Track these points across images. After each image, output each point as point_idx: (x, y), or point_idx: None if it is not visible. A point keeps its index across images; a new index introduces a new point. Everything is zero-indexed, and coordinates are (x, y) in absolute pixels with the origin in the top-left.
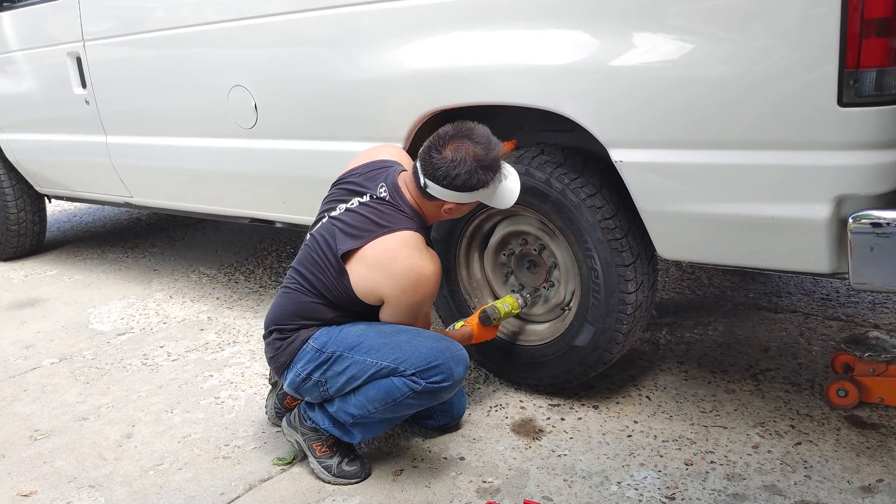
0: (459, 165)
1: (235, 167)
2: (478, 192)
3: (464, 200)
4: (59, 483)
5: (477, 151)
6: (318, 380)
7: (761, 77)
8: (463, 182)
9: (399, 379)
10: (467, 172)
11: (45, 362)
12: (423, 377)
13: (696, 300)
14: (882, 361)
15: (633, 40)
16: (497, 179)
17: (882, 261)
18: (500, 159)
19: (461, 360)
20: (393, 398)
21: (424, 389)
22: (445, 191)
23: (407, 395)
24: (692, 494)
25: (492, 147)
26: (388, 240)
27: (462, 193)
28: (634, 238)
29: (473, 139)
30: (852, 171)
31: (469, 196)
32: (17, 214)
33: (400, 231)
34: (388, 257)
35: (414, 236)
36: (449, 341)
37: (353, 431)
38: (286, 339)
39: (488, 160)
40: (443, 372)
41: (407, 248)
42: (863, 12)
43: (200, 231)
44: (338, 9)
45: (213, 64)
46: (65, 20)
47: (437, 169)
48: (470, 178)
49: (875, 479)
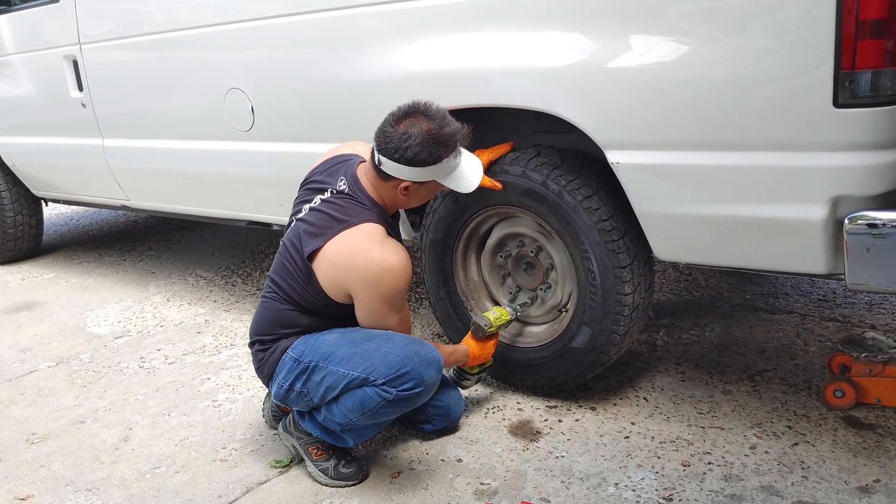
0: (412, 139)
1: (232, 170)
2: (431, 167)
3: (418, 177)
4: (56, 487)
5: (431, 126)
6: (301, 390)
7: (757, 78)
8: (414, 155)
9: (371, 389)
10: (419, 145)
11: (41, 366)
12: (393, 385)
13: (693, 301)
14: (879, 362)
15: (630, 42)
16: (452, 156)
17: (878, 261)
18: (456, 137)
19: (431, 362)
20: (368, 408)
21: (396, 398)
22: (399, 166)
23: (381, 405)
24: (689, 495)
25: (447, 123)
26: (348, 234)
27: (415, 169)
28: (631, 240)
29: (428, 115)
30: (848, 172)
31: (422, 172)
32: (13, 218)
33: (359, 224)
34: (348, 252)
35: (373, 228)
36: (419, 345)
37: (345, 437)
38: (267, 349)
39: (442, 135)
40: (413, 378)
41: (367, 241)
42: (858, 14)
43: (197, 234)
44: (335, 11)
45: (209, 66)
46: (61, 23)
47: (390, 142)
48: (422, 150)
49: (872, 479)
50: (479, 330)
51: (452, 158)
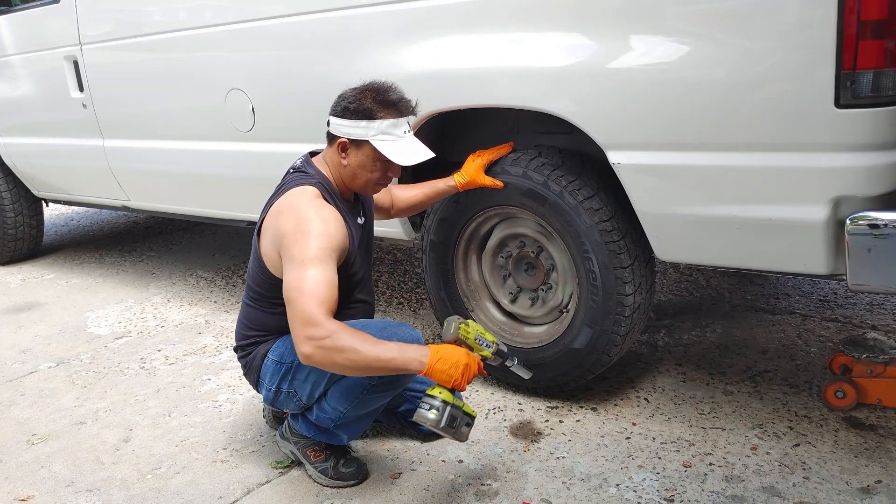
0: (353, 93)
1: (233, 170)
2: (364, 122)
3: (352, 133)
4: (56, 487)
5: (376, 88)
6: (288, 391)
7: (758, 79)
8: (347, 104)
9: (354, 377)
10: (354, 97)
11: (42, 366)
12: None
13: (694, 302)
14: (880, 363)
15: (631, 43)
16: (390, 121)
17: (879, 262)
18: (398, 104)
19: (411, 342)
20: (355, 396)
21: (379, 382)
22: (336, 119)
23: (365, 390)
24: (691, 496)
25: (393, 91)
26: (281, 198)
27: (349, 121)
28: (632, 240)
29: (378, 84)
30: (849, 173)
31: (356, 126)
32: (14, 218)
33: (294, 187)
34: (276, 212)
35: (305, 188)
36: (395, 326)
37: (339, 433)
38: (248, 355)
39: (382, 96)
40: None
41: (295, 197)
42: (859, 14)
43: (198, 234)
44: (335, 12)
45: (210, 67)
46: (62, 24)
47: (337, 99)
48: (355, 102)
49: (873, 480)
50: (449, 325)
51: (390, 123)
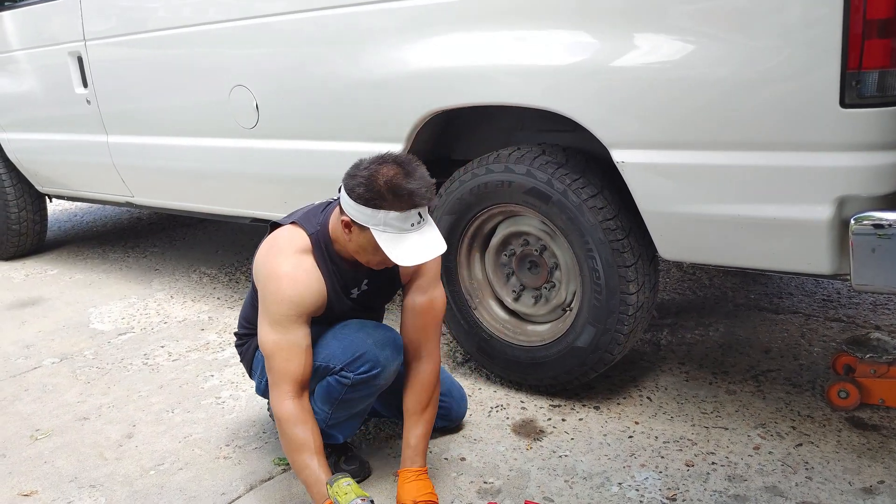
0: (367, 171)
1: (237, 167)
2: (368, 210)
3: (355, 216)
4: (59, 483)
5: (394, 172)
6: None
7: (763, 78)
8: (355, 187)
9: (332, 377)
10: (367, 181)
11: (45, 362)
12: (350, 370)
13: (698, 301)
14: (883, 363)
15: (635, 41)
16: (401, 212)
17: (884, 262)
18: (412, 197)
19: (387, 342)
20: (334, 397)
21: (355, 381)
22: (343, 194)
23: (344, 391)
24: (693, 495)
25: (412, 178)
26: (280, 229)
27: (352, 203)
28: (636, 239)
29: (399, 163)
30: (854, 173)
31: (358, 211)
32: (18, 214)
33: (292, 226)
34: (268, 243)
35: (299, 235)
36: (373, 327)
37: (333, 433)
38: (243, 345)
39: (395, 185)
40: (368, 360)
41: (282, 239)
42: (865, 13)
43: (201, 231)
44: (339, 9)
45: (214, 64)
46: (66, 20)
47: (350, 176)
48: (365, 187)
49: (876, 480)
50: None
51: (398, 216)
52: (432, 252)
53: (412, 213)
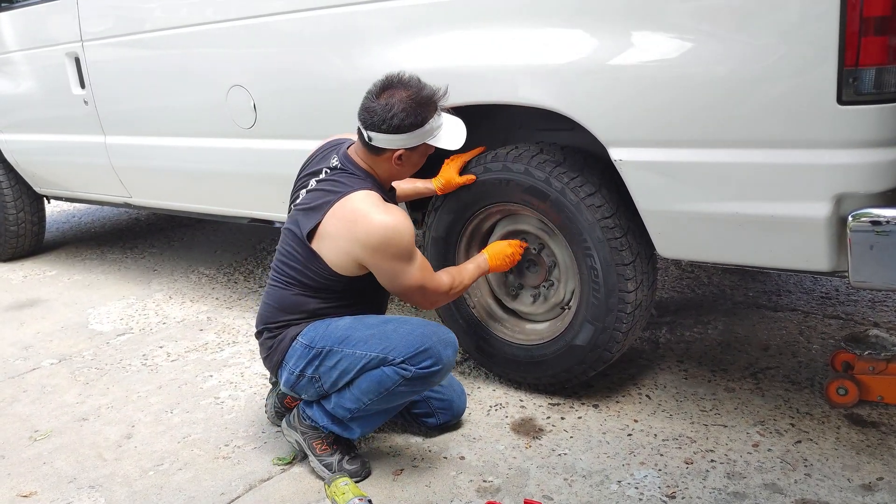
0: (395, 107)
1: (234, 167)
2: (420, 130)
3: (408, 143)
4: (59, 483)
5: (409, 92)
6: (312, 376)
7: (760, 75)
8: (401, 122)
9: (389, 368)
10: (404, 111)
11: (44, 363)
12: (412, 363)
13: (696, 299)
14: (882, 360)
15: (633, 39)
16: (436, 114)
17: (882, 259)
18: (434, 98)
19: (449, 343)
20: (385, 388)
21: (415, 376)
22: (389, 136)
23: (399, 384)
24: (692, 493)
25: (423, 87)
26: (343, 204)
27: (404, 135)
28: (634, 237)
29: (403, 83)
30: (852, 170)
31: (412, 137)
32: (16, 215)
33: (352, 192)
34: (347, 221)
35: (368, 194)
36: (436, 326)
37: (352, 426)
38: (276, 337)
39: (422, 97)
40: (432, 356)
41: (364, 206)
42: (862, 10)
43: (199, 231)
44: (337, 8)
45: (212, 64)
46: (63, 20)
47: (375, 116)
48: (407, 116)
49: (875, 477)
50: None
51: (436, 118)
52: (463, 128)
53: (440, 110)
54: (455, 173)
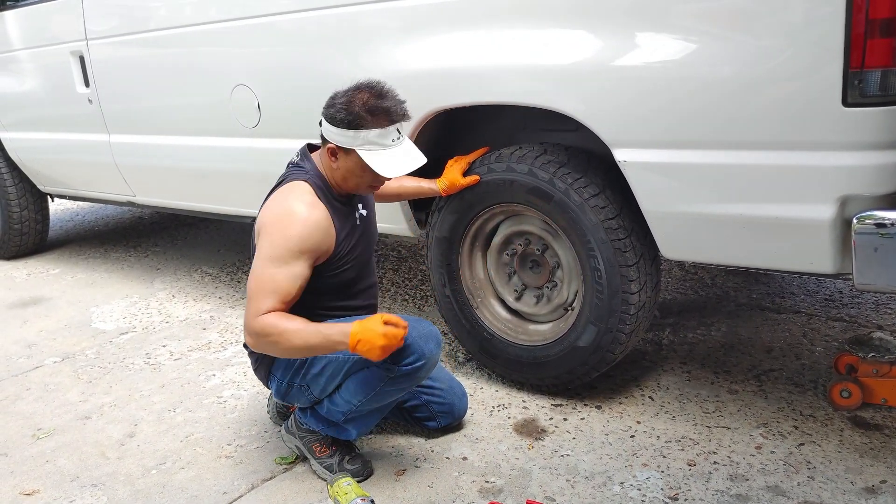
0: (345, 99)
1: (238, 166)
2: (352, 133)
3: (340, 141)
4: (61, 482)
5: (368, 95)
6: (301, 385)
7: (766, 77)
8: (336, 113)
9: (373, 369)
10: (345, 106)
11: (47, 361)
12: (394, 362)
13: (699, 301)
14: (885, 362)
15: (637, 40)
16: (378, 131)
17: (886, 261)
18: (388, 114)
19: (430, 336)
20: (373, 388)
21: (399, 374)
22: (326, 125)
23: (385, 383)
24: (695, 495)
25: (386, 98)
26: (276, 193)
27: (337, 130)
28: (638, 238)
29: (372, 89)
30: (857, 172)
31: (343, 135)
32: (19, 213)
33: (287, 183)
34: (269, 206)
35: (298, 184)
36: (416, 321)
37: (348, 428)
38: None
39: (372, 105)
40: (414, 353)
41: (286, 191)
42: (867, 12)
43: (203, 230)
44: (341, 8)
45: (216, 63)
46: (68, 19)
47: (330, 101)
48: (345, 112)
49: (878, 479)
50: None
51: (379, 133)
52: (414, 163)
53: (391, 130)
54: (459, 174)
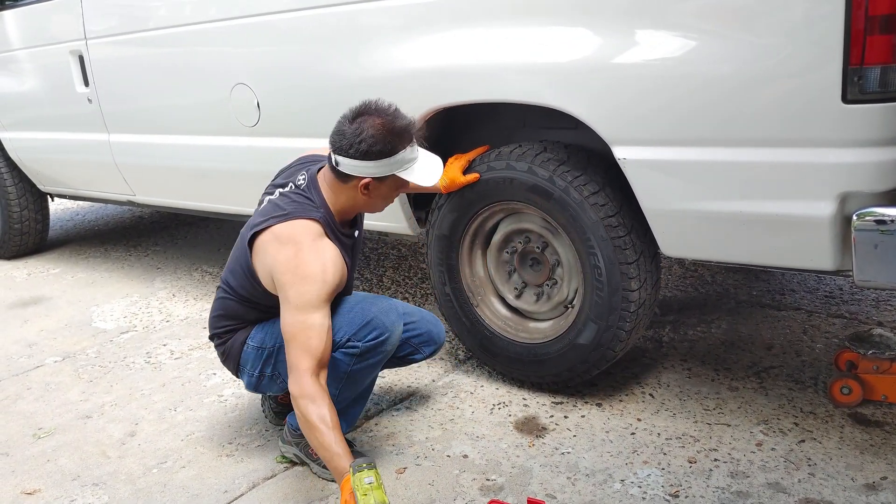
0: (366, 131)
1: (238, 165)
2: (388, 159)
3: (376, 172)
4: (62, 481)
5: (384, 119)
6: (272, 374)
7: (765, 74)
8: (369, 147)
9: (339, 351)
10: (373, 137)
11: (48, 361)
12: (357, 339)
13: (700, 298)
14: (886, 359)
15: (637, 38)
16: (409, 148)
17: (886, 258)
18: (410, 130)
19: (391, 309)
20: (343, 371)
21: (364, 349)
22: (356, 163)
23: (353, 363)
24: (696, 492)
25: (399, 116)
26: (284, 225)
27: (372, 163)
28: (637, 236)
29: (380, 111)
30: (856, 169)
31: (380, 166)
32: (20, 213)
33: (298, 219)
34: (280, 240)
35: (310, 225)
36: (375, 297)
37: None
38: (225, 343)
39: (396, 127)
40: (377, 327)
41: (299, 232)
42: (867, 9)
43: (203, 229)
44: (341, 6)
45: (215, 62)
46: (67, 18)
47: (345, 139)
48: (376, 142)
49: (879, 476)
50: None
51: (409, 150)
52: (439, 165)
53: (414, 142)
54: (459, 172)
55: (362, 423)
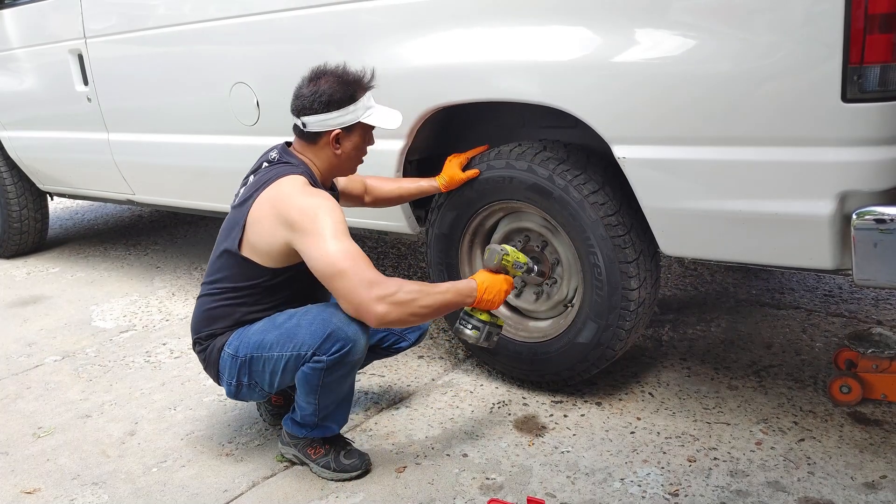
0: (323, 86)
1: (238, 164)
2: (351, 106)
3: (343, 121)
4: (62, 480)
5: (337, 74)
6: (249, 383)
7: (765, 73)
8: (329, 98)
9: (306, 366)
10: (332, 88)
11: (48, 360)
12: (321, 352)
13: (699, 297)
14: (885, 358)
15: (636, 36)
16: (367, 94)
17: (885, 257)
18: (364, 78)
19: (351, 319)
20: (315, 384)
21: (329, 363)
22: (321, 116)
23: (322, 376)
24: (695, 491)
25: (349, 70)
26: (269, 189)
27: (336, 112)
28: (637, 235)
29: (329, 70)
30: (856, 168)
31: (345, 114)
32: (19, 212)
33: (280, 178)
34: (271, 203)
35: (295, 178)
36: (335, 307)
37: (327, 424)
38: (205, 349)
39: (350, 76)
40: (339, 339)
41: (287, 187)
42: (866, 8)
43: (203, 228)
44: (340, 5)
45: (215, 61)
46: (66, 17)
47: (306, 99)
48: (335, 92)
49: (878, 475)
50: (494, 255)
51: (367, 98)
52: (398, 112)
53: (369, 94)
54: (458, 169)
55: (362, 422)
